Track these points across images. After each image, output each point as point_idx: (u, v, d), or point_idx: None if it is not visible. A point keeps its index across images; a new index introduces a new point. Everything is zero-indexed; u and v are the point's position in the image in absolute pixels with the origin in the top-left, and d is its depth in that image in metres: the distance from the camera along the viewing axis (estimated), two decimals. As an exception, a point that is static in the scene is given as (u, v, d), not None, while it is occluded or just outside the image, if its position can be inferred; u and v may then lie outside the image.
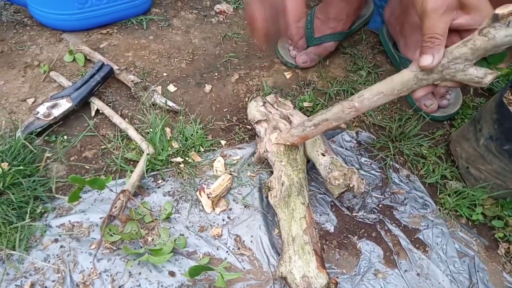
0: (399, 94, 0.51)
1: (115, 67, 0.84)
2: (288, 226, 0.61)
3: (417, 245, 0.67)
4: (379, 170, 0.76)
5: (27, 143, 0.68)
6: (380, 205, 0.71)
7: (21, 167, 0.65)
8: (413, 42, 0.84)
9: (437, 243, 0.67)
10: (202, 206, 0.68)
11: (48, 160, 0.70)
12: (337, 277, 0.62)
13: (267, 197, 0.67)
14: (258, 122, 0.74)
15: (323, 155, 0.68)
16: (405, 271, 0.64)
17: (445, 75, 0.46)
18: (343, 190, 0.66)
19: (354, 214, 0.69)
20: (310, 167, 0.74)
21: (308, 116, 0.77)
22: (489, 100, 0.70)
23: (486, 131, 0.67)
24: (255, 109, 0.75)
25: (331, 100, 0.85)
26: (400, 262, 0.65)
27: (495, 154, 0.67)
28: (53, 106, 0.75)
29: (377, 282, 0.62)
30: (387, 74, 0.93)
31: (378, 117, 0.84)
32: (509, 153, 0.64)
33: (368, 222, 0.69)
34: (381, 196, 0.72)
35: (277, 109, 0.76)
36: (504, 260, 0.67)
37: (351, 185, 0.64)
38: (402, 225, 0.69)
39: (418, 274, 0.64)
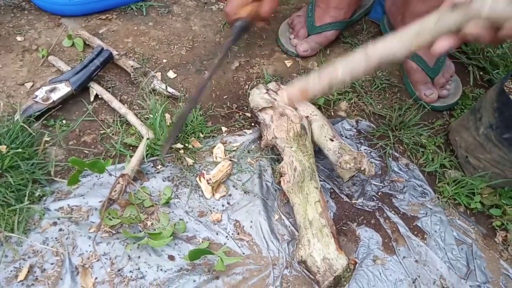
0: (418, 44, 0.44)
1: (115, 52, 0.83)
2: (303, 211, 0.62)
3: (415, 232, 0.68)
4: (379, 159, 0.76)
5: (26, 126, 0.67)
6: (379, 193, 0.71)
7: (19, 150, 0.64)
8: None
9: (436, 231, 0.68)
10: (202, 192, 0.68)
11: (46, 144, 0.70)
12: (356, 257, 0.63)
13: (278, 182, 0.68)
14: (262, 109, 0.74)
15: (332, 140, 0.68)
16: (404, 257, 0.65)
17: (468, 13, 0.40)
18: (354, 173, 0.67)
19: (353, 201, 0.70)
20: (310, 154, 0.74)
21: (310, 104, 0.78)
22: (490, 89, 0.70)
23: (486, 120, 0.68)
24: (258, 97, 0.75)
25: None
26: (399, 249, 0.65)
27: (494, 143, 0.67)
28: (51, 90, 0.75)
29: (375, 268, 0.63)
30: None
31: (378, 106, 0.84)
32: (509, 142, 0.64)
33: (367, 209, 0.69)
34: (381, 184, 0.72)
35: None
36: (501, 248, 0.68)
37: (362, 168, 0.65)
38: (401, 212, 0.70)
39: (416, 261, 0.64)
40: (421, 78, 0.85)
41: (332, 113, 0.83)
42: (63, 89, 0.75)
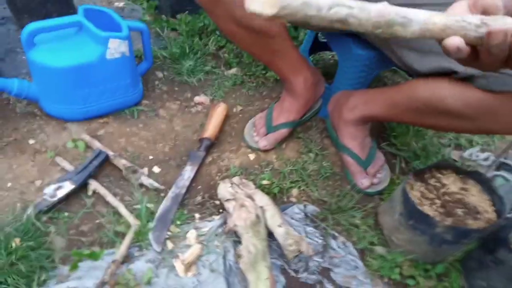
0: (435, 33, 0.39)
1: (110, 153, 1.03)
2: (256, 287, 0.78)
3: (349, 301, 0.84)
4: (321, 238, 0.94)
5: (36, 222, 0.85)
6: (320, 268, 0.89)
7: (30, 242, 0.81)
8: (346, 134, 1.07)
9: (365, 299, 0.85)
10: (177, 271, 0.84)
11: (52, 234, 0.87)
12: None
13: (237, 262, 0.84)
14: (227, 200, 0.93)
15: (280, 226, 0.87)
16: (338, 323, 0.80)
17: None
18: (296, 254, 0.85)
19: (299, 275, 0.87)
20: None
21: (267, 194, 0.97)
22: (400, 184, 0.92)
23: (398, 208, 0.88)
24: (224, 190, 0.95)
25: (284, 178, 1.06)
26: (335, 316, 0.81)
27: (404, 227, 0.87)
28: (57, 188, 0.93)
29: (316, 333, 0.78)
30: (331, 155, 1.15)
31: (322, 192, 1.05)
32: (413, 227, 0.84)
33: (310, 282, 0.86)
34: (321, 260, 0.90)
35: (242, 190, 0.96)
36: (417, 312, 0.84)
37: (301, 250, 0.83)
38: (338, 285, 0.87)
39: (348, 326, 0.80)
40: (356, 169, 1.07)
41: (285, 199, 1.03)
42: (67, 187, 0.94)
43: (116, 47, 1.04)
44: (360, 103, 1.02)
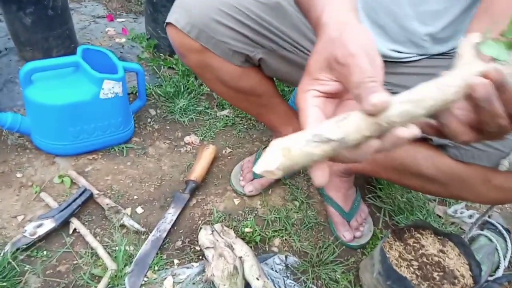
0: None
1: (95, 192, 1.03)
2: None
3: None
4: (300, 292, 0.93)
5: (12, 262, 0.84)
6: (296, 325, 0.87)
7: (5, 283, 0.80)
8: (330, 185, 1.08)
9: None
10: (150, 321, 0.83)
11: (27, 274, 0.86)
12: None
13: None
14: (207, 248, 0.93)
15: (258, 279, 0.87)
16: None
17: None
18: (272, 307, 0.84)
19: (273, 332, 0.85)
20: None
21: (248, 244, 0.97)
22: (380, 242, 0.92)
23: (377, 267, 0.88)
24: (204, 237, 0.95)
25: (267, 226, 1.06)
26: None
27: (383, 287, 0.86)
28: (38, 226, 0.93)
29: None
30: (316, 204, 1.15)
31: (305, 243, 1.04)
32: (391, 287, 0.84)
33: None
34: (298, 316, 0.89)
35: (222, 238, 0.95)
36: None
37: None
38: None
39: None
40: (339, 220, 1.07)
41: (267, 248, 1.02)
42: (48, 225, 0.94)
43: (110, 88, 1.07)
44: (344, 155, 1.04)
